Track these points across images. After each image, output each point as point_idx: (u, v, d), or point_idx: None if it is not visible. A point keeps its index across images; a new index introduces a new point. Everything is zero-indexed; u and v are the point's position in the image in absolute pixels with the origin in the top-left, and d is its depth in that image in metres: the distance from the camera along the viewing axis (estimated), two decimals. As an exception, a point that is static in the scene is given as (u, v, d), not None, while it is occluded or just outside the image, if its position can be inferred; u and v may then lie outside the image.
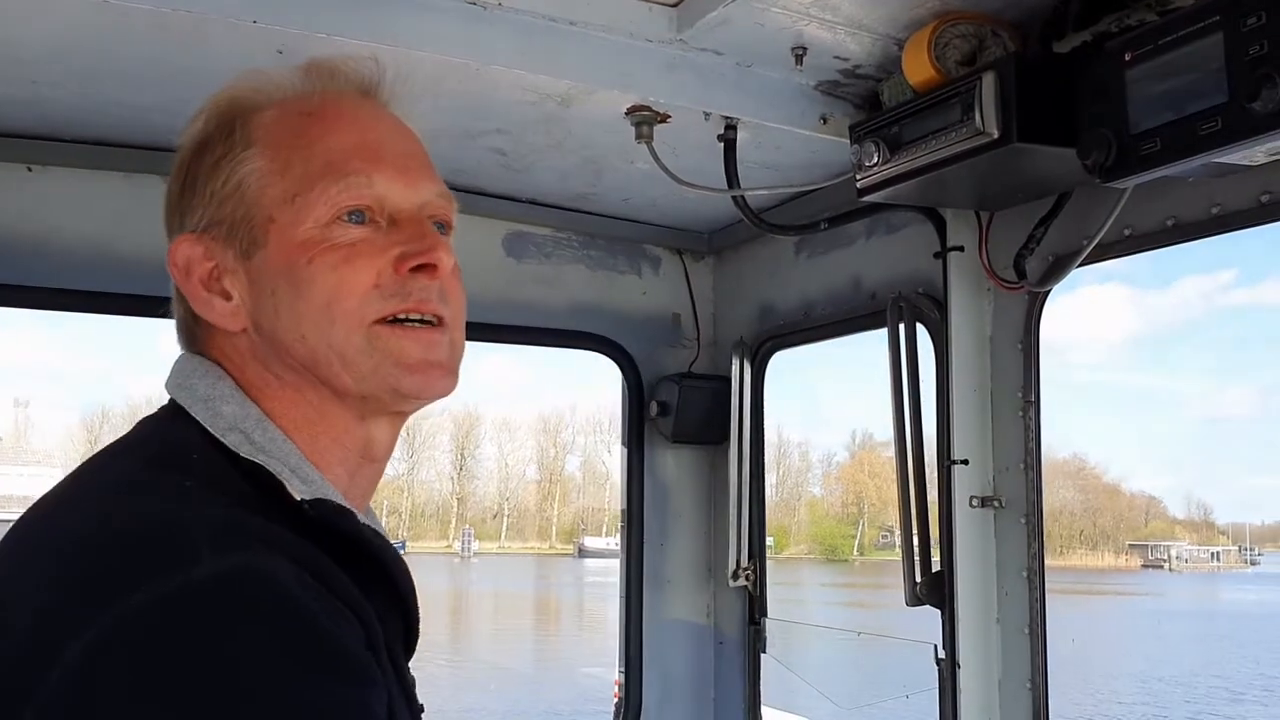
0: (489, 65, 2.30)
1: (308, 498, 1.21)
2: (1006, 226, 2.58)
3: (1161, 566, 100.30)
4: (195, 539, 1.05)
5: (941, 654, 2.68)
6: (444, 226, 1.38)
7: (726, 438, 3.42)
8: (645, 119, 2.63)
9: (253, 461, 1.22)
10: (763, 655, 3.35)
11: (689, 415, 3.44)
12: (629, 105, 2.59)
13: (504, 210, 3.35)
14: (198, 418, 1.26)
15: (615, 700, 3.62)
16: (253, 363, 1.32)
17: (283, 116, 1.34)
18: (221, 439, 1.24)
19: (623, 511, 3.59)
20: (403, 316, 1.29)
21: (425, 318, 1.31)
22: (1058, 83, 2.08)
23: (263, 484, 1.21)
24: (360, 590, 1.15)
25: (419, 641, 1.36)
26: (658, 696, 3.50)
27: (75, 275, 2.85)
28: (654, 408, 3.49)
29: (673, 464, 3.59)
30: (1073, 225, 2.47)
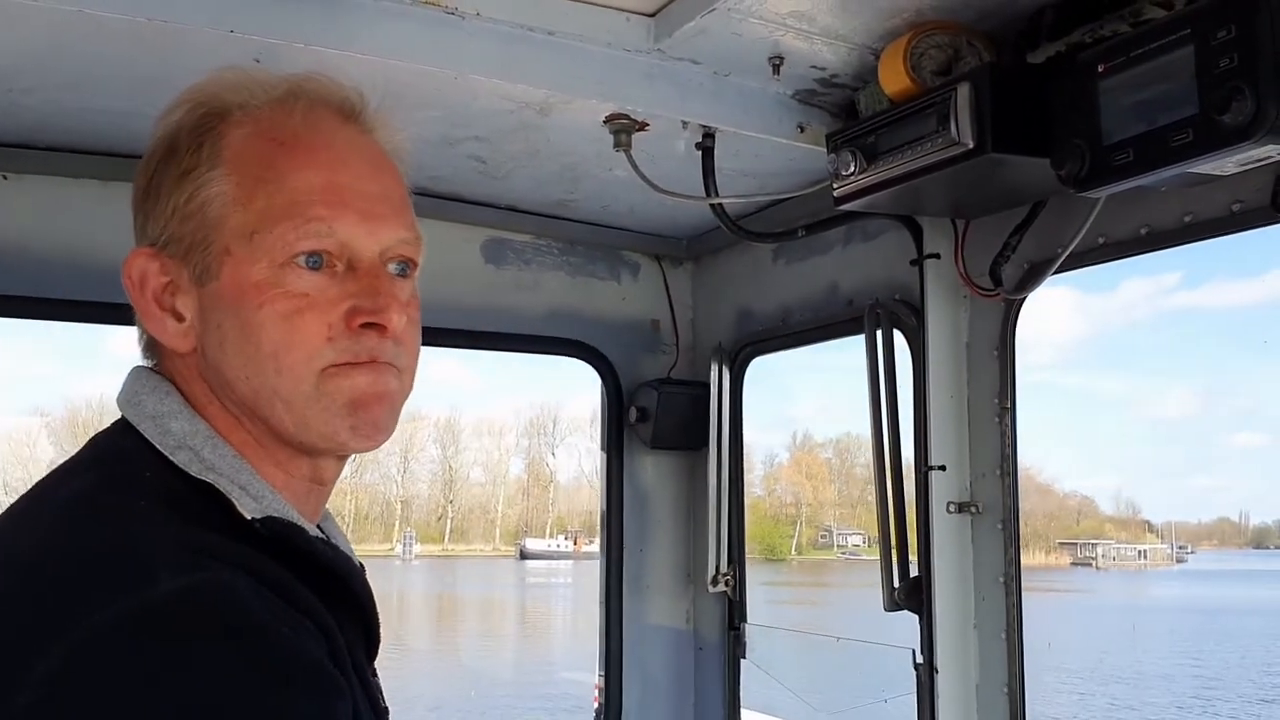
0: (465, 75, 2.30)
1: (258, 516, 1.21)
2: (982, 234, 2.60)
3: (1090, 564, 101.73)
4: (151, 560, 1.05)
5: (919, 659, 2.70)
6: (407, 265, 1.37)
7: (705, 443, 3.43)
8: (623, 127, 2.64)
9: (203, 480, 1.22)
10: (742, 660, 3.37)
11: (668, 421, 3.45)
12: (607, 114, 2.59)
13: (482, 217, 3.35)
14: (146, 435, 1.26)
15: (595, 705, 3.62)
16: (199, 383, 1.32)
17: (255, 139, 1.31)
18: (170, 457, 1.24)
19: (602, 517, 3.59)
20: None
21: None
22: (1032, 93, 2.10)
23: (215, 502, 1.21)
24: (320, 601, 1.16)
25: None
26: (638, 701, 3.50)
27: (51, 283, 2.82)
28: (633, 413, 3.49)
29: (652, 470, 3.59)
30: (1048, 233, 2.50)
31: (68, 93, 2.54)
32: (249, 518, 1.20)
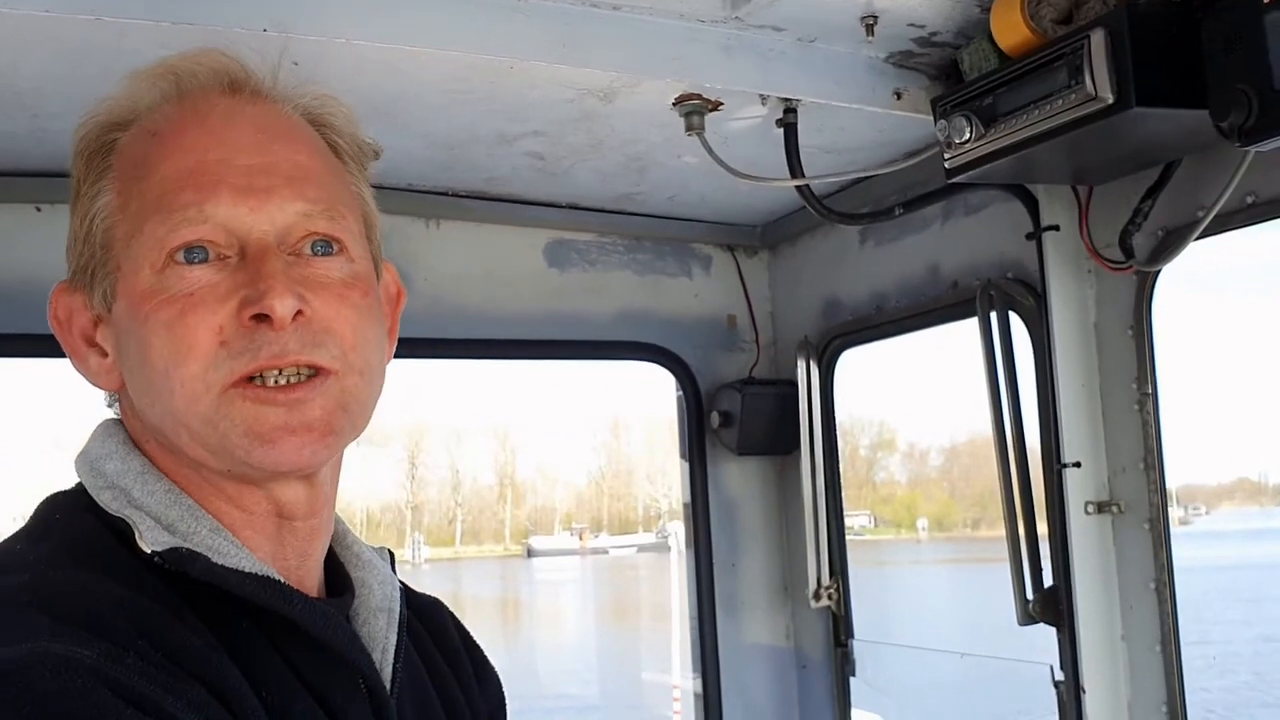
0: (526, 62, 2.08)
1: (162, 548, 1.08)
2: (1108, 201, 2.32)
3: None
4: None
5: (1059, 675, 2.43)
6: (329, 244, 1.15)
7: (796, 446, 3.18)
8: (695, 109, 2.39)
9: (120, 517, 1.11)
10: (851, 679, 3.11)
11: (754, 424, 3.20)
12: (677, 95, 2.36)
13: (543, 218, 3.12)
14: (83, 481, 1.17)
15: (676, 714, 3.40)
16: (134, 420, 1.18)
17: (136, 138, 1.16)
18: (96, 498, 1.14)
19: (688, 532, 3.35)
20: (259, 376, 1.09)
21: (289, 372, 1.10)
22: (1178, 36, 1.82)
23: (131, 540, 1.09)
24: (256, 638, 1.07)
25: None
26: (740, 725, 3.27)
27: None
28: (715, 418, 3.24)
29: (739, 477, 3.34)
30: (1185, 195, 2.21)
31: (97, 115, 2.36)
32: (148, 550, 1.07)
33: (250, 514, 1.16)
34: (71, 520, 1.12)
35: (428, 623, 1.41)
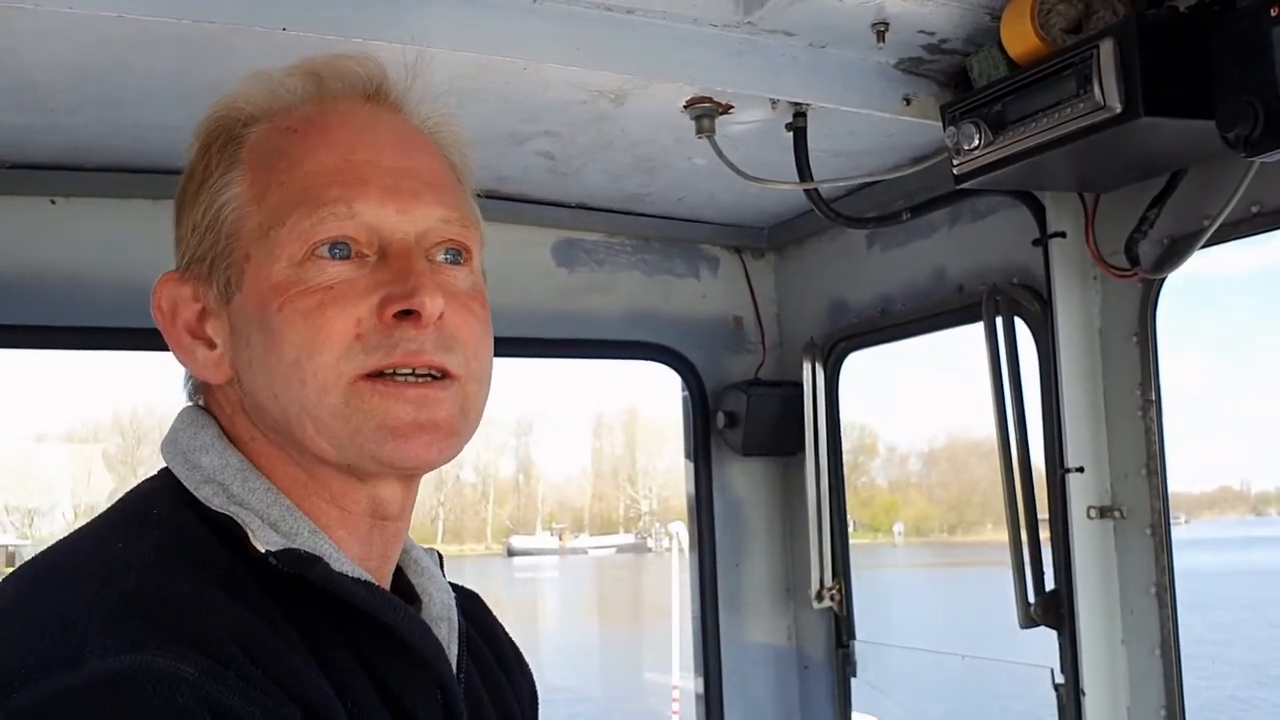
0: (539, 64, 2.10)
1: (275, 548, 1.07)
2: (1114, 208, 2.34)
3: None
4: (84, 632, 0.94)
5: (1059, 679, 2.45)
6: (459, 253, 1.18)
7: (800, 448, 3.20)
8: (706, 111, 2.42)
9: (224, 514, 1.11)
10: (853, 680, 3.13)
11: (759, 425, 3.22)
12: (688, 98, 2.38)
13: (552, 217, 3.15)
14: (175, 473, 1.16)
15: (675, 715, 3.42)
16: (241, 416, 1.19)
17: (269, 134, 1.18)
18: (195, 492, 1.13)
19: (692, 531, 3.37)
20: (390, 372, 1.11)
21: (420, 372, 1.12)
22: (1186, 46, 1.84)
23: (232, 537, 1.09)
24: (340, 645, 1.07)
25: None
26: (740, 724, 3.29)
27: (108, 312, 2.67)
28: (721, 419, 3.27)
29: (742, 478, 3.36)
30: (1190, 204, 2.23)
31: (114, 109, 2.38)
32: (263, 550, 1.08)
33: (347, 513, 1.17)
34: (172, 517, 1.11)
35: (480, 626, 1.42)
